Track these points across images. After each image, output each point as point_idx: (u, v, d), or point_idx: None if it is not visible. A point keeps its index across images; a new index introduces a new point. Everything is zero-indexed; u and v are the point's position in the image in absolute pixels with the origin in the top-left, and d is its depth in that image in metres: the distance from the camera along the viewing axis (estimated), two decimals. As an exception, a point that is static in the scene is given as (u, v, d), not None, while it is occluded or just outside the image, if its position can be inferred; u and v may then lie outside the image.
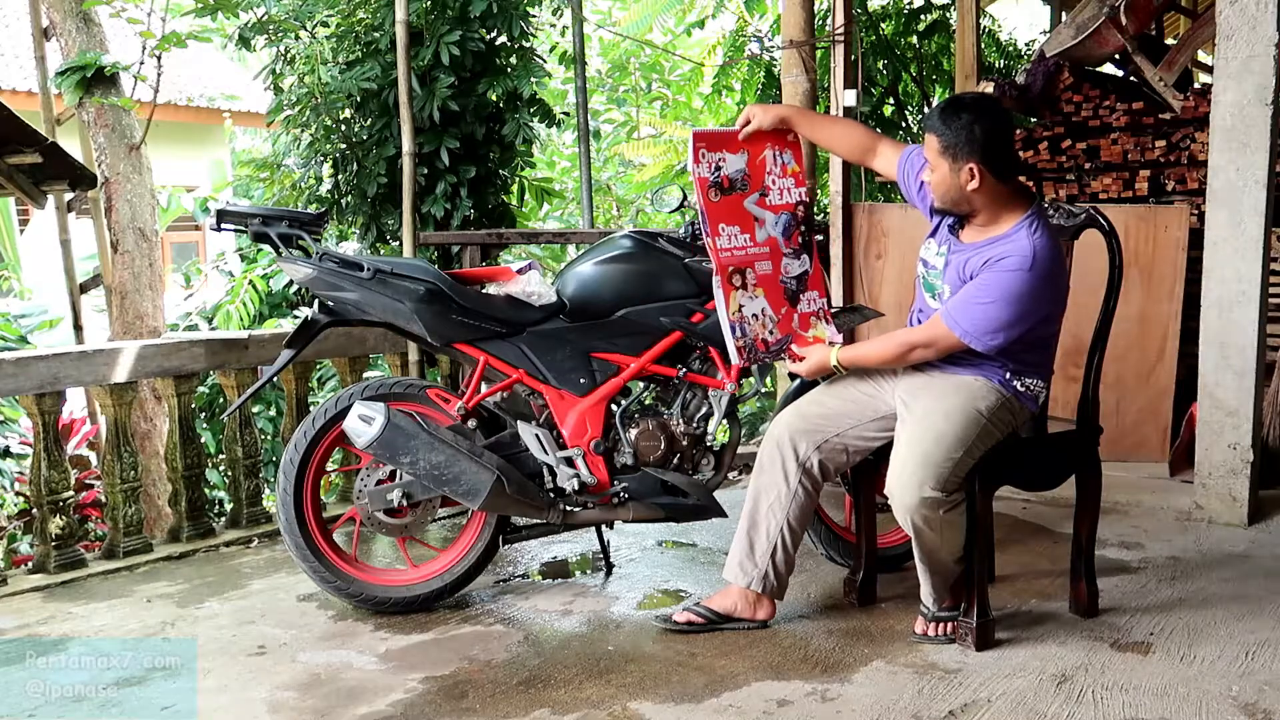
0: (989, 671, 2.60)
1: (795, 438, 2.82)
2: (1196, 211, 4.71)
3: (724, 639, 2.84)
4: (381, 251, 5.72)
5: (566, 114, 6.72)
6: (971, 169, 2.56)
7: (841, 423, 2.81)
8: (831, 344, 2.88)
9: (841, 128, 3.22)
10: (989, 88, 5.54)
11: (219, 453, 6.44)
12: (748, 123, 2.88)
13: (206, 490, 4.25)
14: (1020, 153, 5.60)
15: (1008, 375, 2.70)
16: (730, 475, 3.95)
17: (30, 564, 3.69)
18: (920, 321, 2.80)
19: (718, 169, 2.86)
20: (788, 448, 2.82)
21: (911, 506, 2.59)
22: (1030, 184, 5.55)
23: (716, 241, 2.82)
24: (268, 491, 4.58)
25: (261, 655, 2.83)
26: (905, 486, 2.59)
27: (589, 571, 3.50)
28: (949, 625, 2.79)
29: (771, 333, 2.86)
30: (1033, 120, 5.94)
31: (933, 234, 2.82)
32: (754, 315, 2.85)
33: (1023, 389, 2.72)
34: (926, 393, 2.71)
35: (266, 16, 5.62)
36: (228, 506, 4.71)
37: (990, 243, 2.63)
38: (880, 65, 7.71)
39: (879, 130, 3.73)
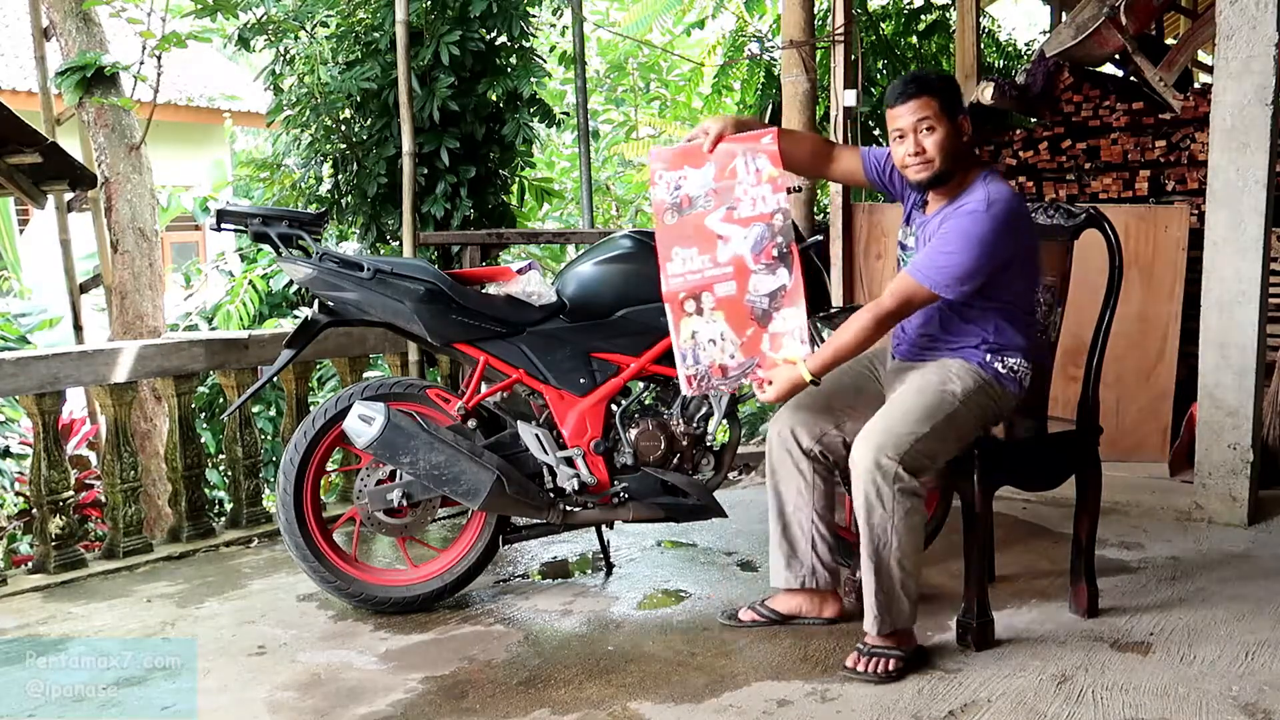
0: (989, 671, 2.60)
1: (796, 431, 2.83)
2: (1196, 211, 4.71)
3: (723, 639, 2.84)
4: (381, 251, 5.72)
5: (566, 114, 6.72)
6: (963, 120, 2.67)
7: (838, 416, 2.81)
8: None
9: (797, 136, 3.12)
10: (989, 88, 5.54)
11: (219, 453, 6.44)
12: (706, 135, 2.74)
13: (206, 490, 4.25)
14: (1020, 153, 5.62)
15: (988, 356, 2.68)
16: (730, 475, 3.95)
17: (30, 564, 3.70)
18: None
19: (677, 189, 2.72)
20: (791, 442, 2.83)
21: (865, 472, 2.54)
22: (1029, 184, 5.56)
23: (668, 267, 2.72)
24: (268, 491, 4.58)
25: (261, 655, 2.83)
26: (862, 451, 2.56)
27: (589, 571, 3.50)
28: (886, 663, 2.57)
29: (732, 356, 2.72)
30: (1033, 120, 5.94)
31: (906, 220, 2.84)
32: (711, 340, 2.72)
33: (1004, 370, 2.69)
34: (910, 373, 2.72)
35: (266, 17, 5.62)
36: (228, 506, 4.71)
37: (950, 202, 2.67)
38: (880, 65, 7.69)
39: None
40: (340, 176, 5.82)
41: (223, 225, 2.99)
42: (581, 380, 3.05)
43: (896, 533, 2.56)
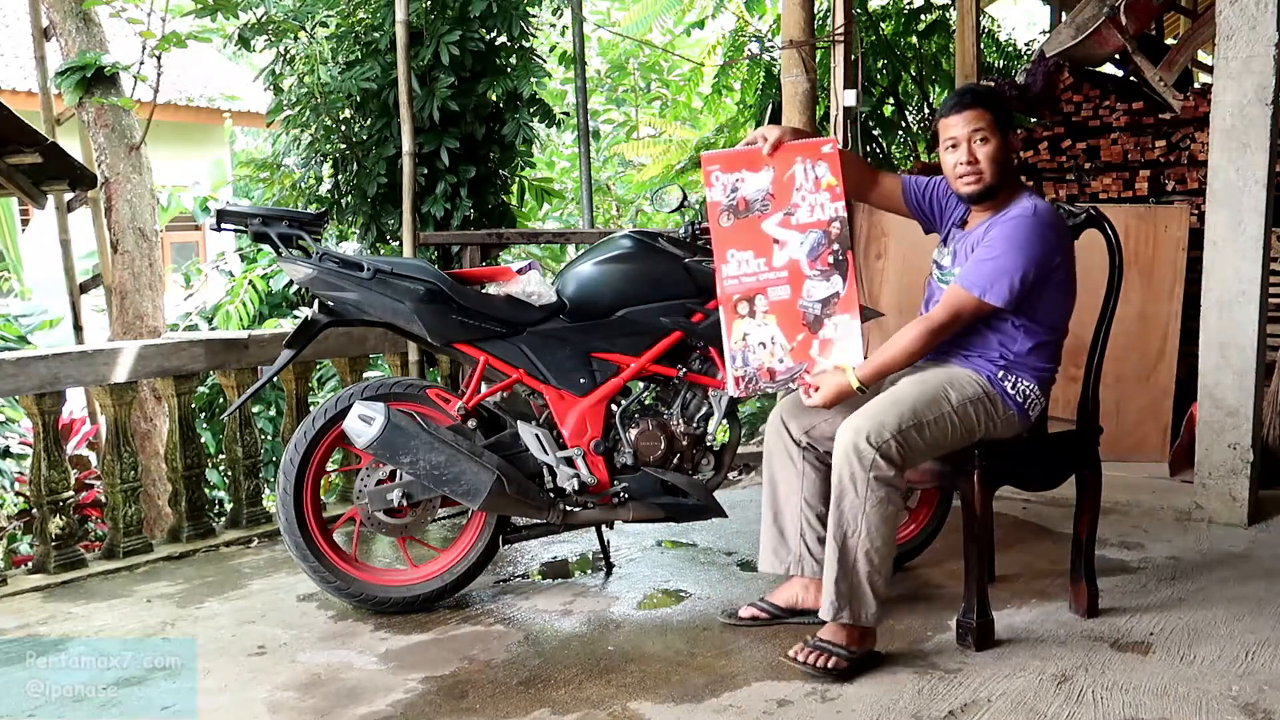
0: (989, 671, 2.60)
1: (786, 420, 2.86)
2: (1196, 211, 4.71)
3: (723, 639, 2.84)
4: (381, 251, 5.72)
5: (566, 114, 6.72)
6: (1013, 136, 2.74)
7: (829, 410, 2.76)
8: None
9: (843, 157, 3.17)
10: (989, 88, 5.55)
11: (219, 453, 6.44)
12: (764, 140, 2.74)
13: (206, 490, 4.25)
14: (1020, 153, 5.62)
15: (1000, 373, 2.68)
16: (730, 475, 3.95)
17: (30, 564, 3.69)
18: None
19: (734, 191, 2.72)
20: (782, 431, 2.86)
21: (842, 455, 2.55)
22: (1030, 184, 5.56)
23: (723, 269, 2.73)
24: (268, 491, 4.58)
25: (261, 655, 2.83)
26: (844, 430, 2.57)
27: (589, 571, 3.50)
28: (827, 659, 2.55)
29: (781, 361, 2.73)
30: (1033, 120, 5.94)
31: (944, 240, 2.85)
32: (761, 344, 2.73)
33: (1013, 391, 2.69)
34: (914, 371, 2.72)
35: (266, 17, 5.62)
36: (228, 506, 4.71)
37: (993, 216, 2.70)
38: (880, 65, 7.70)
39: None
40: (340, 176, 5.82)
41: (223, 225, 2.99)
42: (581, 380, 3.05)
43: (867, 520, 2.55)
